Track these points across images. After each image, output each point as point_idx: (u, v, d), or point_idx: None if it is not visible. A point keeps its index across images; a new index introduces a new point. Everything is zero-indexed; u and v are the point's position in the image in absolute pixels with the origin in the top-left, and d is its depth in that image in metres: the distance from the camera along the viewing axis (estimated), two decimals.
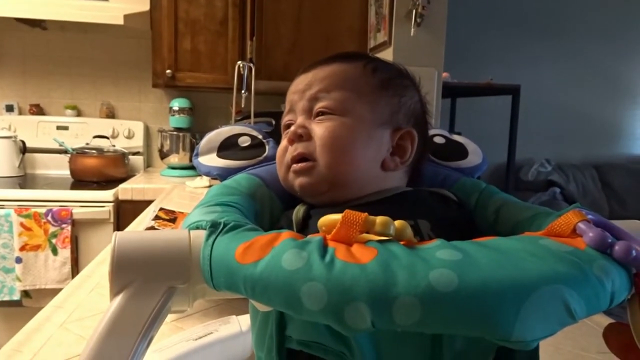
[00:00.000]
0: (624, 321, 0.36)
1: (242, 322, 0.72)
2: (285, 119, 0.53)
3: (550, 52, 3.95)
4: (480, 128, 3.54)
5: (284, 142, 0.51)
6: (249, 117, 1.33)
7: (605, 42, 4.06)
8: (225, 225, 0.36)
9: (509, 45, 3.85)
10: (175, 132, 2.52)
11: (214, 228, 0.36)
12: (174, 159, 2.52)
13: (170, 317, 0.81)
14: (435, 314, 0.28)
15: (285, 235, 0.33)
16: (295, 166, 0.49)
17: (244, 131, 0.57)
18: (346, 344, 0.36)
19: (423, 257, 0.30)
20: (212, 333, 0.69)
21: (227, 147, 0.55)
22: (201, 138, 0.58)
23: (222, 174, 0.52)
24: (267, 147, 0.56)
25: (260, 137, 0.57)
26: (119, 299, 0.33)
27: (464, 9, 3.45)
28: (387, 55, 1.42)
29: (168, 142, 2.52)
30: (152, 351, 0.62)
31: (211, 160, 0.54)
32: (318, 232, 0.44)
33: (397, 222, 0.34)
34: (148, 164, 2.78)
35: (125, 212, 2.14)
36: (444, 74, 1.40)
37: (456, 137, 0.62)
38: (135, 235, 0.36)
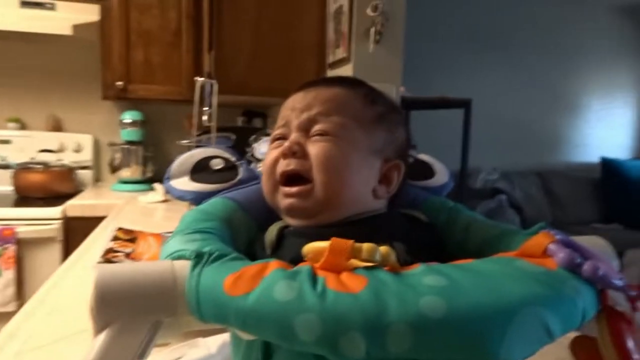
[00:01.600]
0: (588, 334, 0.39)
1: (210, 344, 0.71)
2: (277, 132, 0.52)
3: (497, 67, 4.12)
4: (434, 139, 3.65)
5: (273, 154, 0.50)
6: (207, 132, 1.32)
7: (548, 56, 4.27)
8: (210, 255, 0.36)
9: (460, 60, 3.99)
10: (127, 146, 2.45)
11: (199, 258, 0.35)
12: (125, 173, 2.45)
13: None
14: (426, 340, 0.29)
15: (274, 265, 0.33)
16: (289, 190, 0.48)
17: (216, 153, 0.56)
18: None
19: (411, 283, 0.31)
20: (180, 358, 0.68)
21: (199, 170, 0.55)
22: (154, 151, 0.57)
23: (196, 198, 0.52)
24: (240, 169, 0.56)
25: (233, 159, 0.56)
26: (103, 335, 0.32)
27: (417, 25, 3.55)
28: (347, 71, 1.44)
29: (119, 155, 2.44)
30: None
31: (184, 184, 0.53)
32: (292, 253, 0.45)
33: (382, 249, 0.35)
34: (97, 179, 2.68)
35: (74, 230, 2.05)
36: (401, 89, 1.43)
37: (423, 157, 0.64)
38: (116, 269, 0.35)
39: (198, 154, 0.56)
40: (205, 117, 1.20)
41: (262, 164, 0.53)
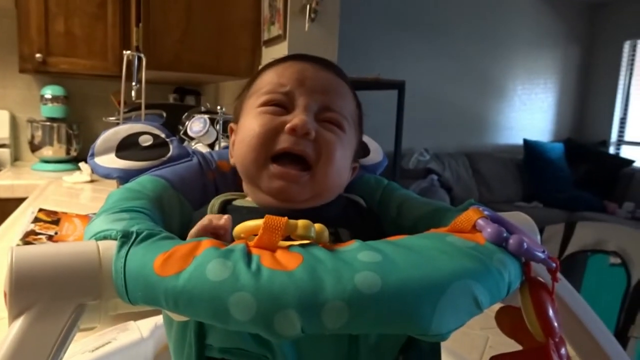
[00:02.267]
0: (512, 304, 0.41)
1: (142, 328, 0.69)
2: (273, 97, 0.48)
3: (430, 51, 4.23)
4: (368, 120, 3.70)
5: (270, 122, 0.47)
6: (137, 109, 1.26)
7: (477, 42, 4.43)
8: (138, 234, 0.34)
9: (395, 42, 4.05)
10: (48, 123, 2.31)
11: (126, 238, 0.34)
12: (47, 152, 2.30)
13: None
14: (362, 315, 0.29)
15: (207, 243, 0.32)
16: (288, 172, 0.45)
17: (144, 129, 0.53)
18: (269, 347, 0.36)
19: (346, 260, 0.31)
20: (110, 342, 0.65)
21: (126, 147, 0.52)
22: (79, 129, 0.53)
23: (123, 176, 0.49)
24: (171, 146, 0.53)
25: (163, 135, 0.54)
26: (20, 322, 0.30)
27: (353, 6, 3.55)
28: (282, 49, 1.42)
29: (40, 133, 2.29)
30: None
31: (110, 161, 0.50)
32: (227, 215, 0.44)
33: (317, 226, 0.35)
34: (15, 158, 2.51)
35: None
36: None
37: None
38: (36, 250, 0.33)
39: (125, 129, 0.53)
40: (133, 93, 1.14)
41: (242, 128, 0.49)
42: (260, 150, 0.46)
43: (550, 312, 0.38)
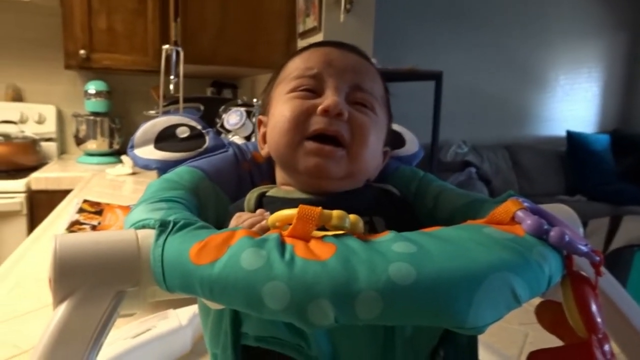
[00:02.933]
0: (553, 299, 0.40)
1: (181, 316, 0.70)
2: (302, 82, 0.48)
3: (468, 41, 4.13)
4: (404, 111, 3.66)
5: (302, 105, 0.47)
6: (175, 102, 1.28)
7: (517, 31, 4.31)
8: (175, 223, 0.35)
9: (432, 32, 3.98)
10: (92, 117, 2.38)
11: (164, 227, 0.34)
12: (91, 145, 2.38)
13: None
14: (396, 306, 0.29)
15: (241, 233, 0.32)
16: (324, 148, 0.45)
17: (182, 121, 0.54)
18: (303, 337, 0.36)
19: (380, 250, 0.31)
20: (150, 329, 0.67)
21: (164, 139, 0.53)
22: (120, 122, 0.54)
23: (162, 167, 0.50)
24: (207, 138, 0.54)
25: (199, 127, 0.55)
26: (63, 307, 0.31)
27: None
28: (317, 40, 1.42)
29: (84, 127, 2.37)
30: None
31: (149, 152, 0.51)
32: (261, 210, 0.44)
33: (351, 216, 0.35)
34: (62, 151, 2.60)
35: (39, 203, 2.00)
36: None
37: (394, 126, 0.63)
38: (78, 238, 0.34)
39: (162, 122, 0.54)
40: (171, 87, 1.16)
41: (273, 116, 0.50)
42: (294, 133, 0.46)
43: (593, 307, 0.37)
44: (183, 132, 0.54)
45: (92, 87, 2.39)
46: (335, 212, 0.34)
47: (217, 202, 0.49)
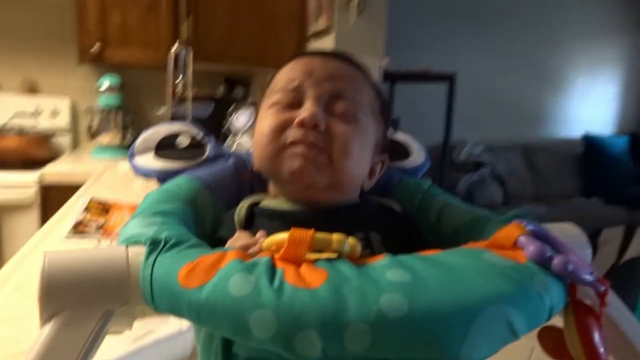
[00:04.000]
0: (556, 325, 0.38)
1: (182, 321, 0.70)
2: (282, 96, 0.47)
3: (483, 41, 4.08)
4: (418, 112, 3.62)
5: (279, 118, 0.46)
6: (186, 99, 1.28)
7: (534, 32, 4.24)
8: (166, 242, 0.34)
9: (446, 32, 3.93)
10: (105, 111, 2.39)
11: (154, 245, 0.34)
12: (104, 139, 2.39)
13: None
14: (385, 339, 0.28)
15: (231, 255, 0.32)
16: (306, 150, 0.44)
17: (182, 129, 0.54)
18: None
19: (373, 278, 0.30)
20: (150, 333, 0.67)
21: (165, 147, 0.52)
22: (133, 117, 0.54)
23: (161, 176, 0.50)
24: (207, 147, 0.53)
25: (200, 136, 0.54)
26: (50, 326, 0.31)
27: None
28: (328, 42, 1.40)
29: (97, 121, 2.38)
30: None
31: (148, 161, 0.51)
32: (266, 230, 0.43)
33: (350, 239, 0.34)
34: (75, 144, 2.62)
35: (52, 196, 2.01)
36: (384, 60, 1.40)
37: (399, 137, 0.62)
38: (67, 256, 0.33)
39: (164, 130, 0.53)
40: (180, 86, 1.16)
41: (255, 131, 0.49)
42: (272, 146, 0.46)
43: (596, 338, 0.35)
44: (183, 141, 0.53)
45: (105, 82, 2.40)
46: (335, 236, 0.33)
47: (214, 213, 0.48)
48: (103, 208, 0.95)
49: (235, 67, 1.92)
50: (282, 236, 0.33)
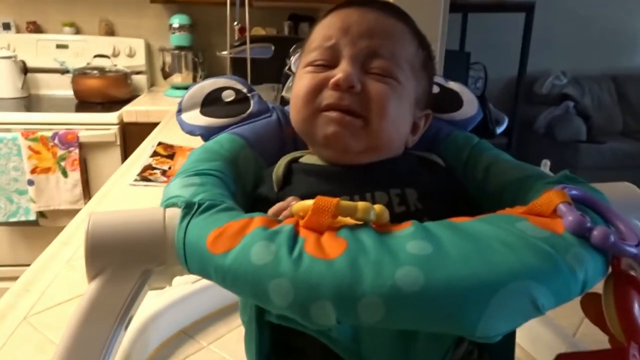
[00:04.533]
0: (599, 292, 0.37)
1: None
2: (317, 56, 0.47)
3: None
4: (493, 43, 3.40)
5: (314, 79, 0.45)
6: (251, 41, 1.28)
7: None
8: (200, 205, 0.36)
9: None
10: (176, 51, 2.45)
11: (188, 209, 0.35)
12: (177, 79, 2.47)
13: None
14: (398, 313, 0.28)
15: (257, 222, 0.33)
16: (339, 116, 0.44)
17: (227, 84, 0.54)
18: None
19: (392, 249, 0.30)
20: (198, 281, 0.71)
21: (210, 103, 0.53)
22: (203, 56, 0.54)
23: (205, 134, 0.51)
24: (251, 102, 0.54)
25: (245, 90, 0.54)
26: (94, 284, 0.34)
27: None
28: None
29: (170, 60, 2.45)
30: (152, 296, 0.64)
31: (194, 118, 0.52)
32: (301, 190, 0.44)
33: (377, 207, 0.33)
34: (152, 84, 2.73)
35: (131, 134, 2.14)
36: None
37: (452, 85, 0.59)
38: (110, 217, 0.36)
39: (209, 84, 0.54)
40: (237, 28, 1.15)
41: (292, 90, 0.49)
42: (307, 109, 0.45)
43: (637, 312, 0.34)
44: (228, 96, 0.54)
45: (176, 21, 2.44)
46: (361, 205, 0.33)
47: (257, 170, 0.49)
48: (169, 152, 0.99)
49: (300, 3, 1.87)
50: (310, 202, 0.34)
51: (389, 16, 0.47)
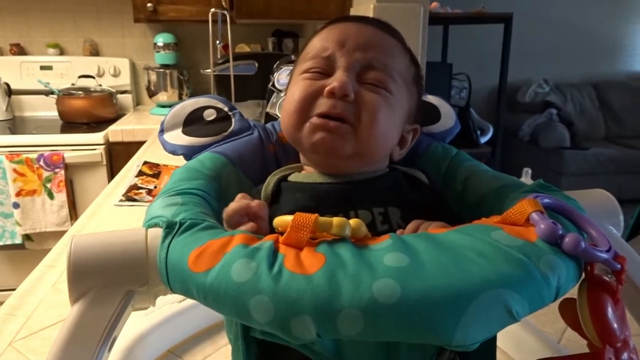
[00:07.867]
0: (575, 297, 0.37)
1: None
2: (313, 64, 0.47)
3: None
4: (474, 53, 3.45)
5: (309, 87, 0.46)
6: (233, 59, 1.29)
7: None
8: (181, 225, 0.36)
9: None
10: (161, 69, 2.46)
11: (170, 229, 0.36)
12: (162, 97, 2.48)
13: None
14: (377, 325, 0.29)
15: (238, 240, 0.33)
16: (327, 123, 0.45)
17: (209, 103, 0.55)
18: None
19: (370, 262, 0.30)
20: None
21: (192, 122, 0.54)
22: (189, 74, 0.55)
23: (187, 153, 0.52)
24: (233, 120, 0.54)
25: (226, 109, 0.55)
26: (77, 306, 0.34)
27: None
28: None
29: (155, 79, 2.46)
30: (139, 316, 0.64)
31: (176, 137, 0.53)
32: (290, 207, 0.45)
33: (352, 221, 0.34)
34: (137, 102, 2.73)
35: (117, 154, 2.14)
36: (433, 4, 1.33)
37: (430, 98, 0.60)
38: (92, 239, 0.36)
39: (191, 104, 0.55)
40: (219, 47, 1.16)
41: (286, 95, 0.50)
42: (299, 115, 0.46)
43: (610, 316, 0.35)
44: (210, 115, 0.54)
45: (160, 40, 2.45)
46: (336, 220, 0.34)
47: (240, 188, 0.50)
48: (154, 172, 1.00)
49: (284, 20, 1.90)
50: (289, 218, 0.34)
51: (384, 32, 0.49)
